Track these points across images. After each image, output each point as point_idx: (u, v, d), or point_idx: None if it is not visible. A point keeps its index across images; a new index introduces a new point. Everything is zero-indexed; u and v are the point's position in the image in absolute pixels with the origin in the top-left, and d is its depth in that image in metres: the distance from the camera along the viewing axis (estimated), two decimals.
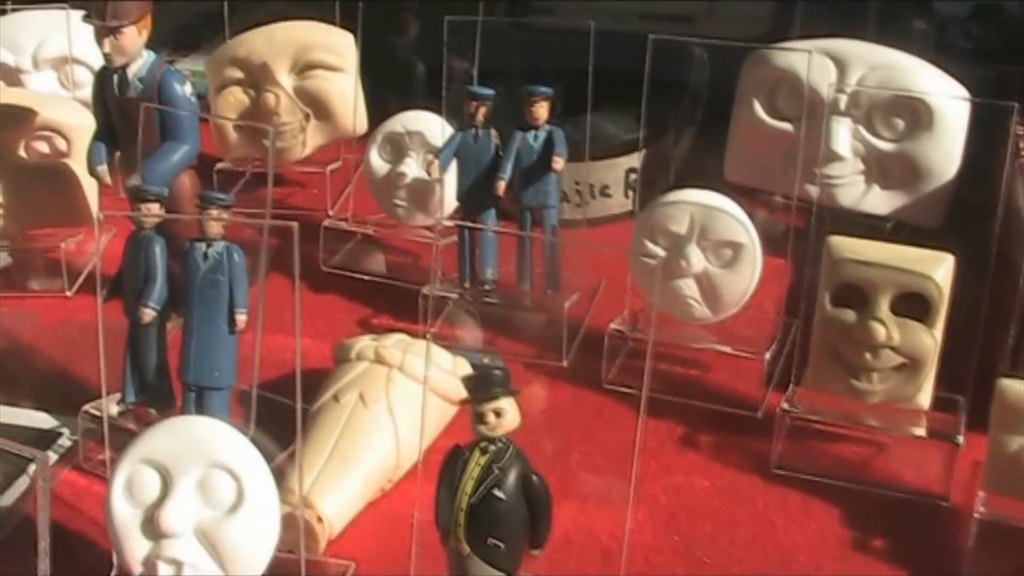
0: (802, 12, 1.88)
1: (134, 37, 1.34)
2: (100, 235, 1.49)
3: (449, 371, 1.24)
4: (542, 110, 1.37)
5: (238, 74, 1.64)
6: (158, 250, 1.20)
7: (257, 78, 1.63)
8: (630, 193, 1.63)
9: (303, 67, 1.62)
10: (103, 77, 1.38)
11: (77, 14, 1.62)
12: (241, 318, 1.18)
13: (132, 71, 1.35)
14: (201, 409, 1.20)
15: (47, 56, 1.68)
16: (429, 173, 1.43)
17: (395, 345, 1.25)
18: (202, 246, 1.17)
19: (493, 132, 1.39)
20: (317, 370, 1.32)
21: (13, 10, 1.70)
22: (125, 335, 1.27)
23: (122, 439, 1.24)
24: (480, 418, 0.95)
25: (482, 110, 1.38)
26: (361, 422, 1.19)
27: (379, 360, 1.23)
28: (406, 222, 1.52)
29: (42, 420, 1.34)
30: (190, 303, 1.18)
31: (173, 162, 1.36)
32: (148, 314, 1.20)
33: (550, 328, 1.40)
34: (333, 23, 1.63)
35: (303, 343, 1.34)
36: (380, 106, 1.63)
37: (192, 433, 1.01)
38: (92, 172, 1.41)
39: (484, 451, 0.95)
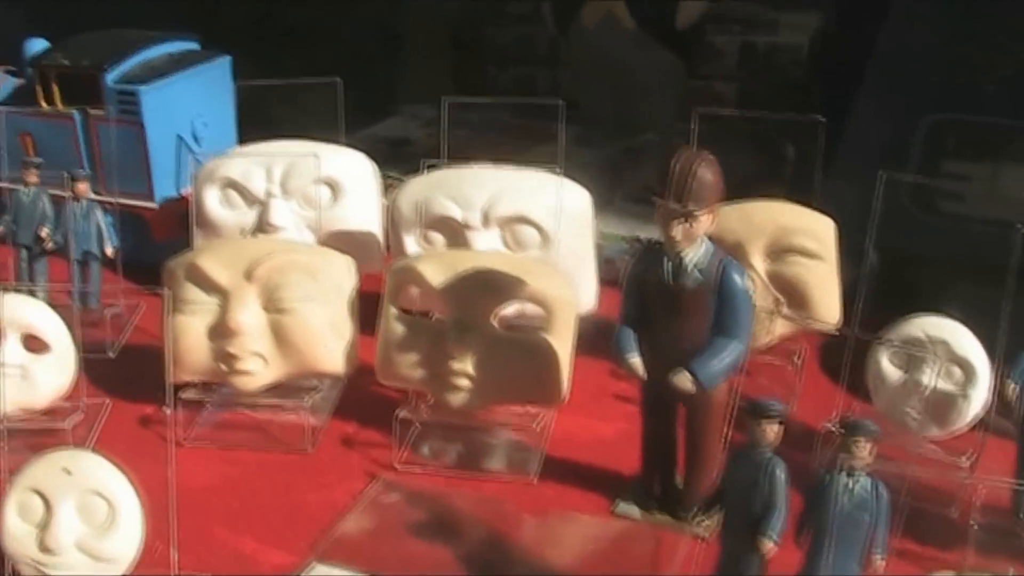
0: None
1: (706, 224, 1.22)
2: None
3: None
4: None
5: None
6: (783, 476, 1.08)
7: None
8: None
9: (780, 251, 1.51)
10: (651, 260, 1.26)
11: (569, 183, 1.56)
12: (880, 563, 1.05)
13: (690, 258, 1.24)
14: None
15: (499, 215, 1.56)
16: (1004, 397, 1.30)
17: None
18: (843, 478, 1.05)
19: None
20: None
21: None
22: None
23: None
24: None
25: None
26: None
27: None
28: (918, 434, 1.39)
29: None
30: (820, 540, 1.06)
31: (727, 362, 1.23)
32: (771, 548, 1.06)
33: None
34: (809, 206, 1.54)
35: None
36: None
37: None
38: (622, 361, 1.28)
39: None
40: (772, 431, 1.08)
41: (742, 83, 2.24)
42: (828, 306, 1.52)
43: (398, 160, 2.07)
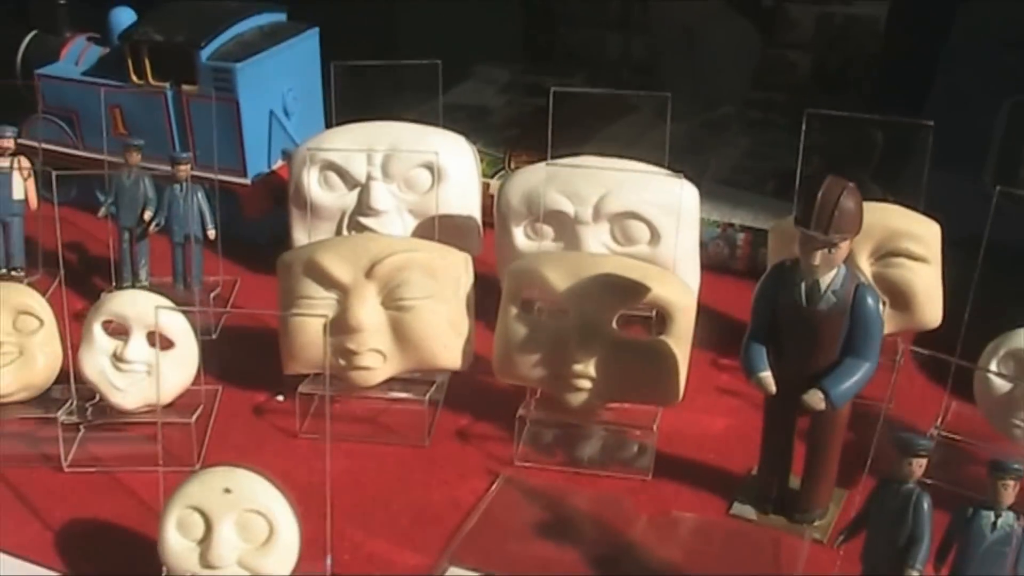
0: None
1: (846, 250, 1.25)
2: None
3: None
4: None
5: None
6: (927, 507, 1.12)
7: None
8: None
9: (885, 253, 1.53)
10: (784, 280, 1.29)
11: (689, 186, 1.58)
12: None
13: (825, 282, 1.26)
14: None
15: (609, 211, 1.58)
16: None
17: None
18: (990, 515, 1.10)
19: None
20: None
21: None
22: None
23: None
24: None
25: None
26: None
27: None
28: (1022, 443, 1.43)
29: None
30: (964, 568, 1.12)
31: (856, 380, 1.27)
32: None
33: None
34: (915, 209, 1.56)
35: None
36: None
37: None
38: (752, 376, 1.31)
39: None
40: (920, 467, 1.12)
41: (817, 54, 2.24)
42: (931, 309, 1.55)
43: (480, 131, 2.06)
